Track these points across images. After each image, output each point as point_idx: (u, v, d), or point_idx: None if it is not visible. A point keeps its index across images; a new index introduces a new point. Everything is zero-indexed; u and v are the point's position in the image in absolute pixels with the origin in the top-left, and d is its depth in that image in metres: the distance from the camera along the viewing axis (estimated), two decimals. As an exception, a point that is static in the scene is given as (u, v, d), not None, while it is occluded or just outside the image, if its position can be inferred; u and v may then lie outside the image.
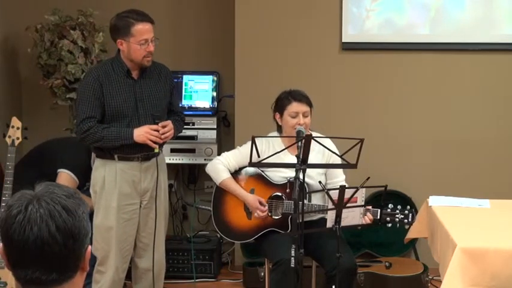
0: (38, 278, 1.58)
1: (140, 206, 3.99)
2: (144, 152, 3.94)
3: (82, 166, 4.38)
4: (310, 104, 4.01)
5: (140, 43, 3.83)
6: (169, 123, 3.94)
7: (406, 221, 3.83)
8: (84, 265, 1.64)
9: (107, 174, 3.94)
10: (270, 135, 4.10)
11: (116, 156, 3.93)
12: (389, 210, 3.84)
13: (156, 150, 3.94)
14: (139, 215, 4.00)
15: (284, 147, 3.76)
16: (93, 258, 4.05)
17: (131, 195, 3.95)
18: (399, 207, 3.86)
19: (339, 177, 4.06)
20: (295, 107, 3.96)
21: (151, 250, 4.05)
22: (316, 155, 3.93)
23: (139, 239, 4.05)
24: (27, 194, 1.61)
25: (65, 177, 4.45)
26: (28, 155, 4.78)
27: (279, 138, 4.05)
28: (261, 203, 3.97)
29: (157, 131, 3.88)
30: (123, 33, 3.84)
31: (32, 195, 1.60)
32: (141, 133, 3.85)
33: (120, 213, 3.94)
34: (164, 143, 4.03)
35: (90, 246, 1.65)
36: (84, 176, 4.41)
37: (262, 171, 4.05)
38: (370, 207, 3.82)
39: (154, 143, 3.88)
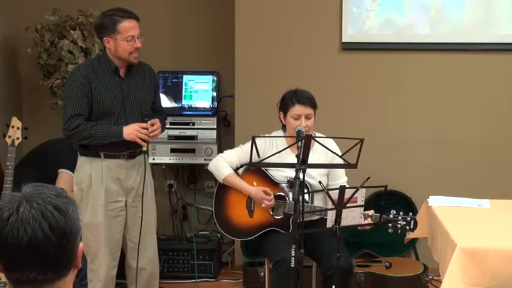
0: (34, 278, 1.59)
1: (126, 205, 4.00)
2: (130, 150, 3.95)
3: None
4: (314, 106, 3.98)
5: (127, 39, 3.84)
6: (157, 122, 3.97)
7: (408, 227, 3.78)
8: (77, 263, 1.65)
9: (93, 172, 3.94)
10: (273, 134, 4.10)
11: (101, 154, 3.93)
12: (391, 216, 3.80)
13: (145, 148, 3.96)
14: (127, 213, 4.00)
15: (286, 147, 3.76)
16: (85, 259, 4.04)
17: (117, 192, 3.96)
18: (401, 213, 3.81)
19: (341, 179, 4.05)
20: (298, 109, 3.94)
21: (143, 249, 4.05)
22: (319, 156, 3.93)
23: (130, 239, 4.05)
24: (16, 196, 1.61)
25: (66, 177, 4.45)
26: (29, 155, 4.78)
27: (283, 138, 4.05)
28: (265, 193, 3.96)
29: (146, 129, 3.89)
30: (110, 30, 3.86)
31: (20, 197, 1.60)
32: (131, 131, 3.87)
33: (106, 211, 3.94)
34: (149, 142, 4.06)
35: (81, 244, 1.65)
36: None
37: (265, 169, 4.04)
38: (371, 212, 3.81)
39: (143, 141, 3.90)
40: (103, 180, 3.93)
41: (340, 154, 3.73)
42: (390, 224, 3.79)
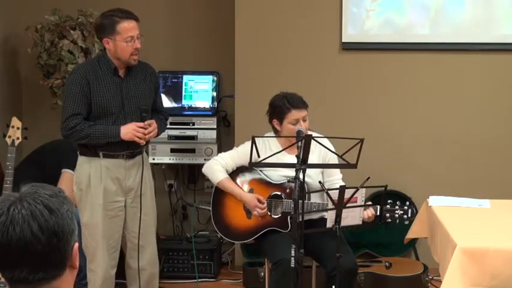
0: (25, 278, 1.59)
1: (125, 205, 4.00)
2: (129, 150, 3.96)
3: None
4: (307, 106, 3.99)
5: (126, 40, 3.84)
6: (153, 122, 3.97)
7: (405, 216, 3.84)
8: (72, 262, 1.64)
9: (92, 171, 3.94)
10: (266, 135, 4.10)
11: (100, 154, 3.93)
12: (388, 206, 3.85)
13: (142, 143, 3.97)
14: (126, 213, 4.00)
15: (281, 148, 3.77)
16: (85, 258, 4.04)
17: (116, 192, 3.96)
18: (398, 203, 3.87)
19: (335, 175, 4.06)
20: (295, 114, 3.93)
21: (143, 250, 4.05)
22: (313, 155, 3.93)
23: (129, 239, 4.05)
24: (11, 196, 1.62)
25: (69, 177, 4.45)
26: (31, 155, 4.78)
27: (275, 138, 4.05)
28: (259, 201, 3.97)
29: (143, 128, 3.90)
30: (109, 31, 3.86)
31: (15, 197, 1.61)
32: (129, 131, 3.88)
33: (105, 210, 3.94)
34: (148, 141, 4.04)
35: (77, 244, 1.65)
36: None
37: (261, 170, 4.05)
38: (369, 203, 3.83)
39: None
40: (102, 179, 3.93)
41: (334, 150, 3.76)
42: (388, 215, 3.83)
